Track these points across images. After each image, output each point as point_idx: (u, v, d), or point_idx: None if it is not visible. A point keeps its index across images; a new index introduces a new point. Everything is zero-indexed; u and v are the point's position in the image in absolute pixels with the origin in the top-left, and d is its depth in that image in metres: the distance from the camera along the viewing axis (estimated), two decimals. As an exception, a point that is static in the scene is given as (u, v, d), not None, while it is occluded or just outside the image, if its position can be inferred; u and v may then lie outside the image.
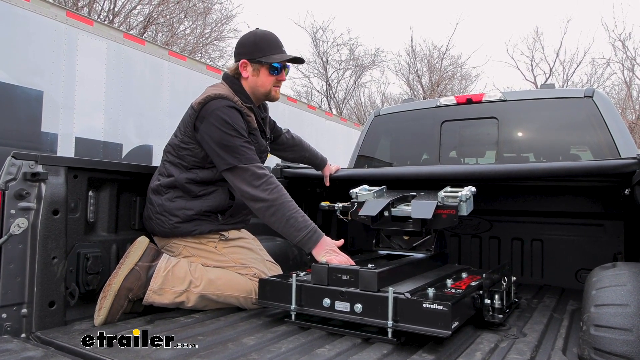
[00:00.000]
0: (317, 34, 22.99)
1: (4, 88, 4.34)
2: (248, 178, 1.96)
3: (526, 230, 2.82)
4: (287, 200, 1.98)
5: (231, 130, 1.99)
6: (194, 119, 2.05)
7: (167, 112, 5.87)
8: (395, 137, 3.88)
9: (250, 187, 1.96)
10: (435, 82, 22.34)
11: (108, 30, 5.50)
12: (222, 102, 2.02)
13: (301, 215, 1.97)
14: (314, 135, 9.14)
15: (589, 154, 3.09)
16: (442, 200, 1.96)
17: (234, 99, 2.07)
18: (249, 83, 2.18)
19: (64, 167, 1.83)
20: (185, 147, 2.08)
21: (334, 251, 1.94)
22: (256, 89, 2.19)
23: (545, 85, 3.65)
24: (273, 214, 1.95)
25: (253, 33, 2.20)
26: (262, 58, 2.14)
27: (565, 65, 23.25)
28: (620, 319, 1.34)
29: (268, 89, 2.19)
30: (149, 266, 1.93)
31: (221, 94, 2.04)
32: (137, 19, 15.37)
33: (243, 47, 2.18)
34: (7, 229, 1.65)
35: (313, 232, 1.95)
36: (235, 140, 1.99)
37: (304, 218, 1.98)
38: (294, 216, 1.95)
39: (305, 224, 1.96)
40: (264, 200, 1.95)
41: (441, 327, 1.48)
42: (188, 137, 2.07)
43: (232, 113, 2.02)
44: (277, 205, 1.95)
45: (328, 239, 1.98)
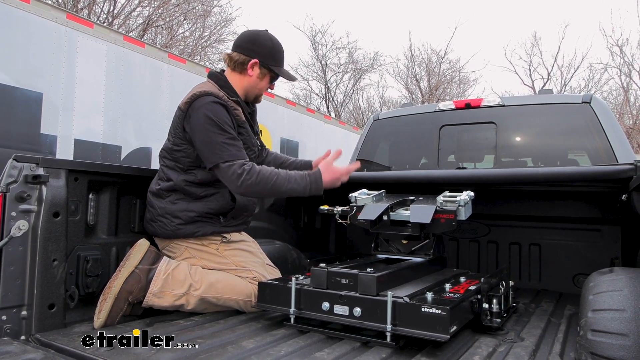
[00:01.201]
0: (316, 37, 23.05)
1: (3, 90, 4.35)
2: (231, 177, 1.97)
3: (524, 234, 2.84)
4: (274, 180, 2.01)
5: (214, 126, 1.98)
6: (182, 120, 2.06)
7: (166, 115, 5.87)
8: (394, 141, 3.89)
9: (235, 186, 1.99)
10: (434, 86, 22.40)
11: (108, 32, 5.51)
12: (207, 98, 2.02)
13: (294, 180, 2.05)
14: (312, 139, 9.16)
15: (586, 159, 3.11)
16: (440, 204, 1.98)
17: (219, 94, 2.07)
18: (247, 82, 2.19)
19: (65, 170, 1.83)
20: (178, 149, 2.09)
21: (331, 172, 2.16)
22: (252, 90, 2.22)
23: (543, 90, 3.67)
24: (271, 195, 2.06)
25: (269, 37, 2.22)
26: (274, 67, 2.19)
27: (563, 70, 23.31)
28: (618, 324, 1.35)
29: (260, 92, 2.27)
30: (149, 269, 1.94)
31: (206, 91, 2.05)
32: (137, 22, 15.39)
33: (260, 47, 2.19)
34: (7, 231, 1.66)
35: (312, 183, 2.09)
36: (217, 137, 1.98)
37: (298, 181, 2.06)
38: (289, 187, 2.04)
39: (302, 186, 2.07)
40: (256, 193, 2.04)
41: (440, 331, 1.49)
42: (179, 139, 2.08)
43: (217, 109, 2.02)
44: (267, 190, 2.02)
45: (324, 168, 2.15)
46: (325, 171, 2.14)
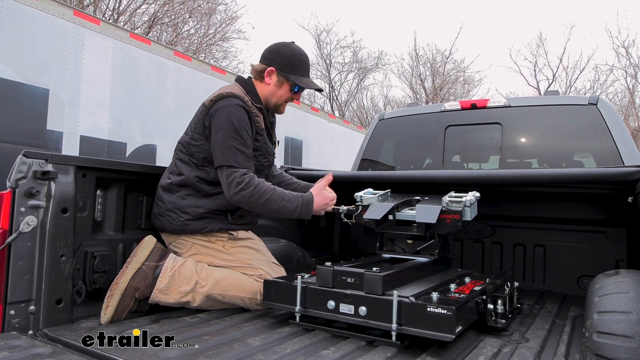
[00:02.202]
0: (320, 36, 23.02)
1: (10, 85, 4.37)
2: (230, 183, 1.99)
3: (529, 236, 2.83)
4: (268, 195, 2.02)
5: (231, 129, 2.01)
6: (204, 116, 2.08)
7: (172, 112, 5.89)
8: (399, 141, 3.90)
9: (230, 192, 2.00)
10: (438, 86, 22.35)
11: (114, 29, 5.53)
12: (233, 100, 2.05)
13: (287, 199, 2.06)
14: (316, 137, 9.16)
15: (591, 160, 3.10)
16: (446, 205, 1.97)
17: (245, 98, 2.11)
18: (266, 90, 2.22)
19: (74, 166, 1.85)
20: (194, 144, 2.10)
21: (322, 196, 2.17)
22: (271, 98, 2.23)
23: (549, 92, 3.67)
24: (262, 211, 2.08)
25: (290, 47, 2.25)
26: (291, 75, 2.20)
27: (568, 71, 23.27)
28: (623, 326, 1.35)
29: (280, 102, 2.26)
30: (156, 266, 1.95)
31: (233, 93, 2.08)
32: (142, 19, 15.42)
33: (278, 56, 2.21)
34: (16, 227, 1.67)
35: (303, 205, 2.09)
36: (232, 140, 2.01)
37: (292, 200, 2.07)
38: (281, 205, 2.05)
39: (293, 206, 2.07)
40: (248, 204, 2.04)
41: (445, 331, 1.49)
42: (198, 134, 2.10)
43: (240, 112, 2.05)
44: (260, 204, 2.02)
45: (315, 192, 2.17)
46: (316, 195, 2.15)
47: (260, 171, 2.21)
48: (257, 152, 2.17)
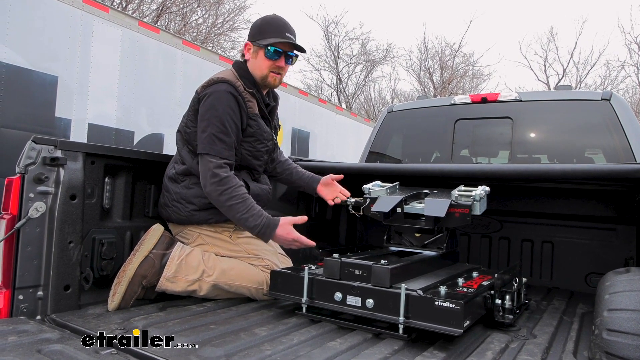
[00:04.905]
0: (329, 27, 22.89)
1: (19, 72, 4.37)
2: (205, 172, 1.97)
3: (537, 232, 2.81)
4: (234, 202, 1.95)
5: (214, 117, 1.99)
6: (196, 103, 2.08)
7: (179, 102, 5.88)
8: (408, 134, 3.87)
9: (204, 182, 1.98)
10: (447, 80, 22.20)
11: (123, 17, 5.51)
12: (222, 86, 2.02)
13: (250, 215, 1.96)
14: (324, 129, 9.14)
15: (601, 157, 3.07)
16: (455, 199, 1.96)
17: (237, 83, 2.07)
18: (250, 66, 2.18)
19: (82, 153, 1.85)
20: (189, 131, 2.10)
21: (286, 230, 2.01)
22: (255, 72, 2.16)
23: (561, 86, 3.62)
24: (225, 211, 1.99)
25: (262, 17, 2.21)
26: (260, 41, 2.13)
27: (579, 66, 22.96)
28: (634, 324, 1.34)
29: (264, 73, 2.14)
30: (163, 254, 1.95)
31: (224, 78, 2.05)
32: (151, 7, 15.39)
33: (250, 29, 2.21)
34: (25, 212, 1.68)
35: (264, 227, 1.97)
36: (213, 127, 1.99)
37: (253, 217, 1.96)
38: (242, 217, 1.96)
39: (254, 224, 1.96)
40: (213, 200, 1.99)
41: (453, 325, 1.49)
42: (191, 121, 2.10)
43: (226, 98, 2.01)
44: (223, 207, 1.97)
45: (282, 222, 2.01)
46: (281, 225, 2.01)
47: (257, 157, 2.18)
48: (252, 137, 2.13)
